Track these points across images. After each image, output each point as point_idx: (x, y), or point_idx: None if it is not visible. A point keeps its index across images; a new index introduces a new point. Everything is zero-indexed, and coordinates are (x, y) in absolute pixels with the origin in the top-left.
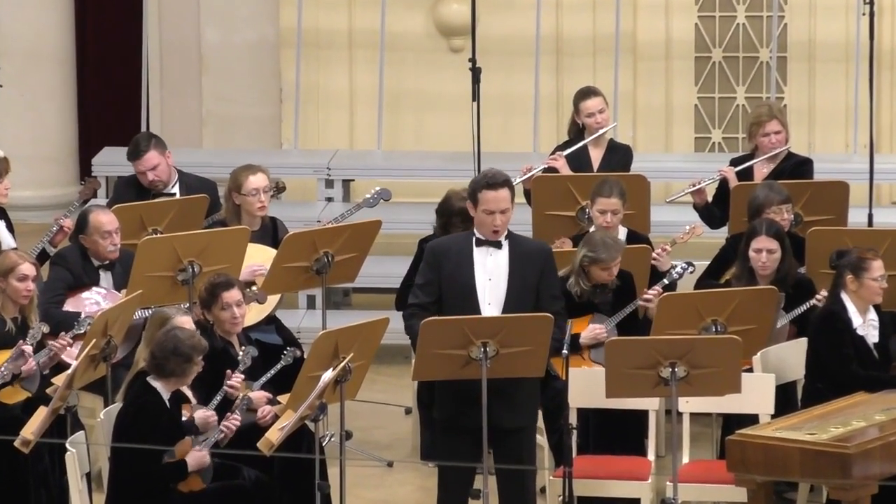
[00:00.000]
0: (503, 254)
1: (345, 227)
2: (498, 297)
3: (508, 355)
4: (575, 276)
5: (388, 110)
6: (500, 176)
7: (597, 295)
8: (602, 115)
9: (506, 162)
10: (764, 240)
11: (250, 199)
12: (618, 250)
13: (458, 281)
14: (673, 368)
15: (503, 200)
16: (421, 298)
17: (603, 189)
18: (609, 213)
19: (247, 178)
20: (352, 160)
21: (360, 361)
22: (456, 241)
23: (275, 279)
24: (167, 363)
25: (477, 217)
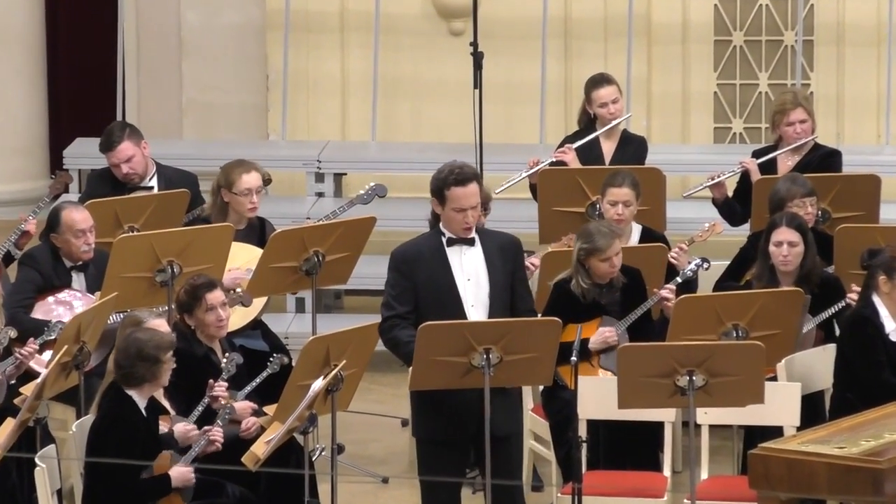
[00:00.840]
0: (476, 251)
1: (336, 224)
2: (481, 297)
3: (513, 363)
4: (575, 274)
5: (382, 98)
6: (468, 170)
7: (603, 294)
8: (616, 105)
9: (510, 154)
10: (784, 231)
11: (242, 199)
12: (614, 236)
13: (437, 285)
14: (690, 377)
15: (473, 196)
16: (398, 309)
17: (614, 179)
18: (620, 205)
19: (240, 177)
20: (344, 152)
21: (353, 369)
22: (425, 244)
23: (261, 280)
24: (134, 370)
25: (445, 215)
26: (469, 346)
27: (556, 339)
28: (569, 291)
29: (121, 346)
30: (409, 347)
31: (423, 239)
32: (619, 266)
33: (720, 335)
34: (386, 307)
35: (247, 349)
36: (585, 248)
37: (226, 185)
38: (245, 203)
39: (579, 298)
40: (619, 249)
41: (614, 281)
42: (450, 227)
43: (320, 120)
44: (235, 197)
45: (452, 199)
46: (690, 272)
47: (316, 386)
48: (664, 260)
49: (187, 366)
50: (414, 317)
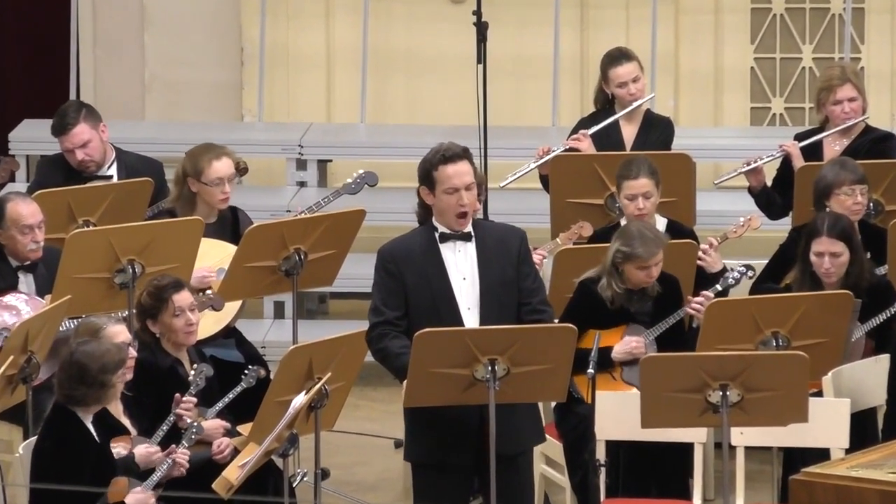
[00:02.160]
0: (472, 245)
1: (321, 217)
2: (475, 299)
3: (522, 375)
4: (607, 277)
5: (373, 75)
6: (457, 147)
7: (633, 302)
8: (636, 84)
9: (518, 138)
10: (826, 242)
11: (212, 189)
12: (658, 245)
13: (430, 287)
14: (724, 392)
15: (466, 173)
16: (387, 314)
17: (628, 170)
18: (640, 198)
19: (210, 164)
20: (329, 136)
21: (340, 383)
22: (415, 241)
23: (235, 282)
24: (75, 393)
25: (437, 203)
26: (471, 357)
27: (570, 349)
28: (595, 293)
29: (63, 363)
30: (402, 360)
31: (414, 234)
32: (655, 276)
33: (757, 344)
34: (373, 312)
35: (218, 360)
36: (623, 252)
37: (193, 174)
38: (216, 194)
39: (605, 303)
40: (661, 259)
41: (648, 289)
42: (444, 217)
43: (302, 99)
44: (204, 187)
45: (443, 179)
46: (733, 280)
47: (297, 402)
48: (693, 259)
49: (150, 379)
50: (405, 323)
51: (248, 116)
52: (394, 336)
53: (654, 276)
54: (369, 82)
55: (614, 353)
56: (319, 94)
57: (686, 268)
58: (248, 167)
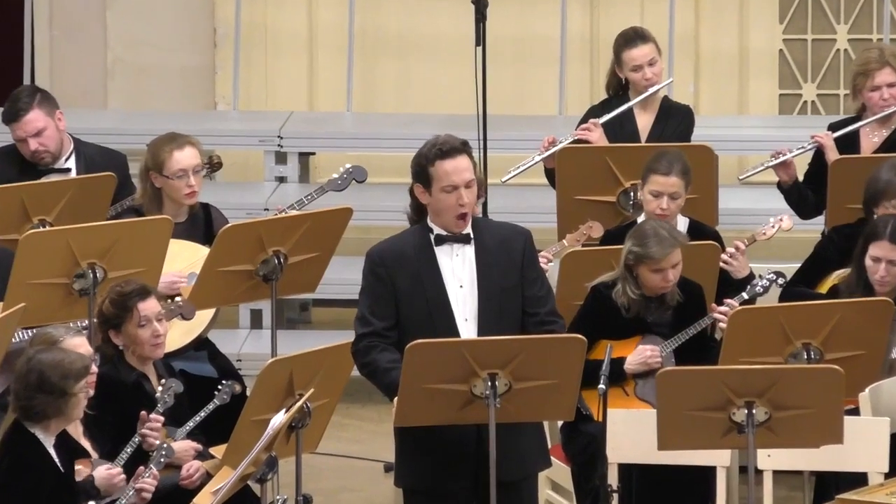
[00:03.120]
0: (471, 248)
1: (302, 217)
2: (473, 308)
3: (525, 391)
4: (622, 282)
5: (360, 59)
6: (455, 141)
7: (651, 310)
8: (653, 68)
9: (521, 129)
10: (886, 247)
11: (175, 182)
12: (673, 245)
13: (424, 295)
14: (749, 410)
15: (465, 170)
16: (375, 324)
17: (660, 163)
18: (665, 198)
19: (171, 155)
20: (312, 126)
21: (323, 400)
22: (408, 243)
23: (207, 288)
24: (34, 402)
25: (433, 203)
26: (469, 371)
27: (579, 362)
28: (609, 300)
29: (20, 372)
30: (391, 376)
31: (407, 236)
32: (676, 280)
33: (787, 357)
34: (360, 322)
35: (188, 375)
36: (635, 253)
37: (155, 167)
38: (179, 188)
39: (620, 310)
40: (679, 261)
41: (667, 296)
42: (440, 218)
43: (282, 86)
44: (167, 181)
45: (439, 175)
46: (761, 288)
47: (276, 421)
48: (715, 263)
49: (113, 396)
50: (395, 334)
51: (222, 104)
52: (382, 349)
53: (671, 280)
54: (356, 67)
55: (627, 364)
56: (301, 80)
57: (708, 273)
58: (221, 161)
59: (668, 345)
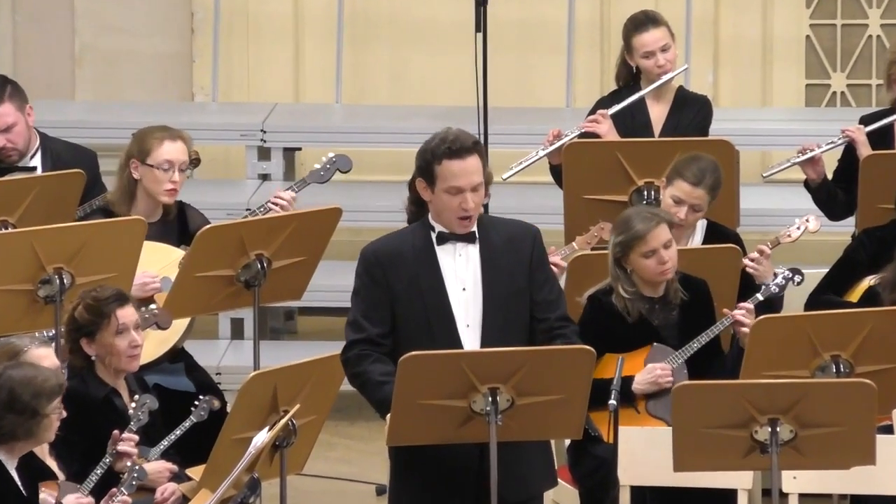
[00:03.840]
0: (475, 248)
1: (287, 217)
2: (477, 314)
3: (529, 408)
4: (614, 282)
5: (350, 46)
6: (466, 138)
7: (656, 313)
8: (666, 54)
9: (524, 121)
10: None
11: (159, 174)
12: (658, 220)
13: (423, 299)
14: (774, 428)
15: (473, 172)
16: (369, 330)
17: (689, 171)
18: (686, 208)
19: (161, 144)
20: (297, 119)
21: (310, 417)
22: (407, 241)
23: (183, 294)
24: (2, 424)
25: (435, 201)
26: (468, 385)
27: (587, 375)
28: (608, 308)
29: None
30: (384, 390)
31: (406, 233)
32: (674, 265)
33: (814, 370)
34: (352, 327)
35: (163, 389)
36: (622, 241)
37: (139, 154)
38: (162, 181)
39: (623, 317)
40: (670, 239)
41: (670, 294)
42: (442, 217)
43: (265, 75)
44: (150, 171)
45: (445, 176)
46: (776, 288)
47: (259, 440)
48: (737, 268)
49: (82, 413)
50: (390, 341)
51: (200, 95)
52: (375, 359)
53: (667, 261)
54: (346, 54)
55: (636, 385)
56: (286, 69)
57: (728, 278)
58: (199, 157)
59: (678, 357)
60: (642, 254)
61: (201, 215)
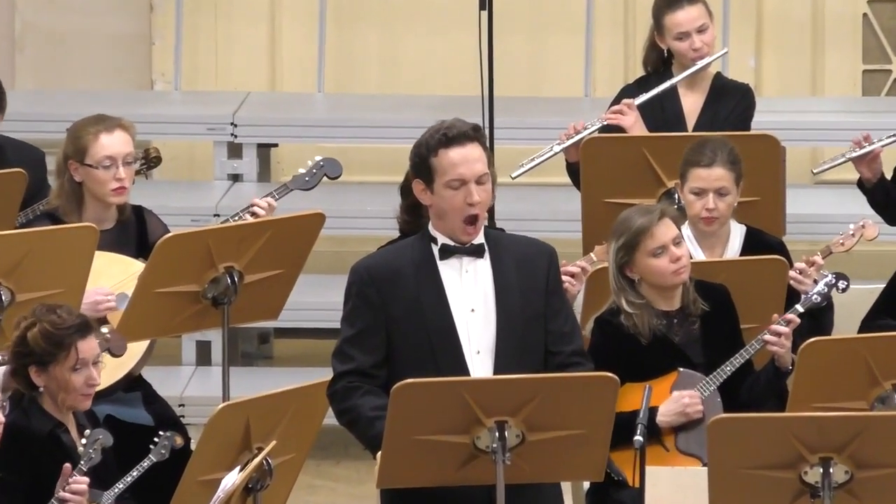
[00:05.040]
0: (485, 265)
1: (261, 224)
2: (488, 339)
3: (542, 445)
4: (619, 295)
5: (335, 27)
6: (464, 125)
7: (674, 327)
8: (702, 35)
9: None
10: None
11: (100, 173)
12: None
13: (424, 322)
14: (826, 468)
15: (475, 160)
16: (358, 360)
17: (700, 154)
18: (711, 195)
19: (96, 139)
20: (274, 111)
21: (288, 455)
22: (405, 256)
23: (141, 314)
24: None
25: (437, 204)
26: (472, 418)
27: (610, 407)
28: (619, 329)
29: None
30: (377, 426)
31: (403, 248)
32: (687, 264)
33: (873, 402)
34: (339, 357)
35: (118, 423)
36: (624, 243)
37: (75, 154)
38: (106, 180)
39: (636, 338)
40: (678, 235)
41: (688, 305)
42: (445, 222)
43: (236, 60)
44: (90, 171)
45: (443, 167)
46: (818, 297)
47: (229, 482)
48: (782, 282)
49: (23, 450)
50: (384, 373)
51: (161, 83)
52: (366, 391)
53: (680, 257)
54: (329, 36)
55: (661, 416)
56: (260, 53)
57: (772, 294)
58: (160, 155)
59: (708, 383)
60: (651, 252)
61: (162, 223)
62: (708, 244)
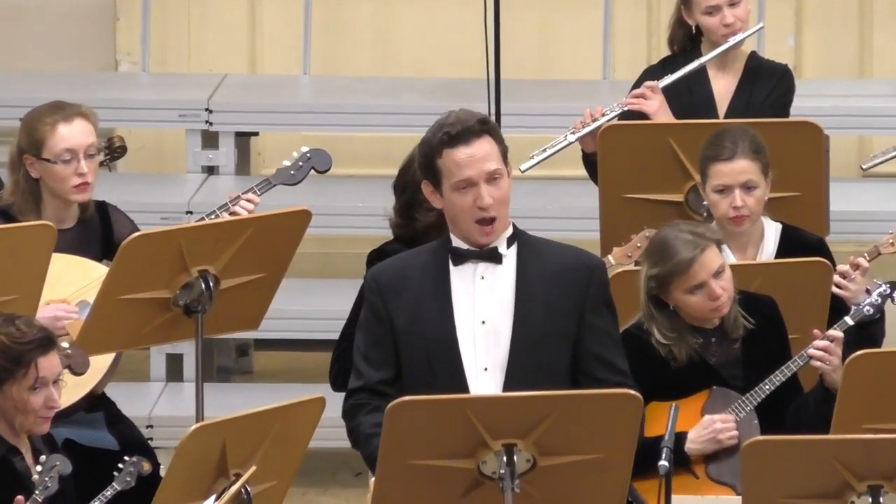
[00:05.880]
0: (507, 272)
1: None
2: (499, 355)
3: (555, 471)
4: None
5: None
6: (469, 118)
7: (711, 347)
8: (735, 9)
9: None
10: None
11: (59, 168)
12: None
13: (424, 333)
14: (876, 497)
15: (485, 159)
16: (367, 377)
17: (718, 146)
18: (737, 192)
19: (54, 130)
20: (254, 95)
21: (270, 482)
22: (417, 261)
23: (104, 324)
24: None
25: (447, 207)
26: (476, 440)
27: (633, 429)
28: (649, 347)
29: None
30: (373, 445)
31: (420, 252)
32: (730, 296)
33: None
34: (354, 373)
35: (78, 447)
36: (656, 275)
37: (30, 148)
38: (66, 176)
39: (668, 361)
40: (723, 264)
41: (730, 324)
42: (459, 226)
43: (211, 38)
44: (48, 167)
45: (449, 169)
46: (870, 308)
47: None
48: (826, 287)
49: None
50: (396, 389)
51: (126, 64)
52: (372, 409)
53: (720, 295)
54: (316, 12)
55: (690, 443)
56: (238, 32)
57: (814, 300)
58: (125, 145)
59: (744, 404)
60: (687, 290)
61: (129, 220)
62: (739, 245)
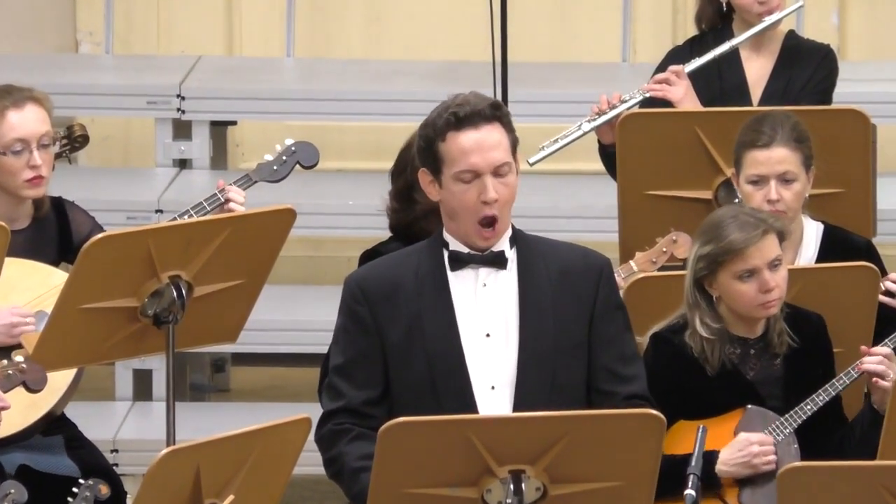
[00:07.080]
0: (509, 278)
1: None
2: (507, 371)
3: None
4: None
5: None
6: (480, 101)
7: (749, 360)
8: None
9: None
10: None
11: (10, 161)
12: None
13: (425, 348)
14: None
15: (494, 147)
16: (348, 396)
17: (757, 133)
18: (773, 183)
19: (3, 118)
20: (231, 80)
21: None
22: (408, 266)
23: (63, 337)
24: None
25: (446, 200)
26: (481, 467)
27: (654, 453)
28: (680, 352)
29: None
30: (363, 480)
31: (409, 255)
32: (782, 296)
33: None
34: (328, 392)
35: (34, 473)
36: (709, 254)
37: None
38: (17, 169)
39: (701, 365)
40: (780, 256)
41: (773, 336)
42: (457, 223)
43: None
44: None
45: (453, 155)
46: None
47: None
48: (872, 294)
49: None
50: (382, 410)
51: (88, 44)
52: (355, 435)
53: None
54: None
55: (722, 465)
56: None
57: (860, 307)
58: (86, 134)
59: (783, 425)
60: (737, 275)
61: (91, 219)
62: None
